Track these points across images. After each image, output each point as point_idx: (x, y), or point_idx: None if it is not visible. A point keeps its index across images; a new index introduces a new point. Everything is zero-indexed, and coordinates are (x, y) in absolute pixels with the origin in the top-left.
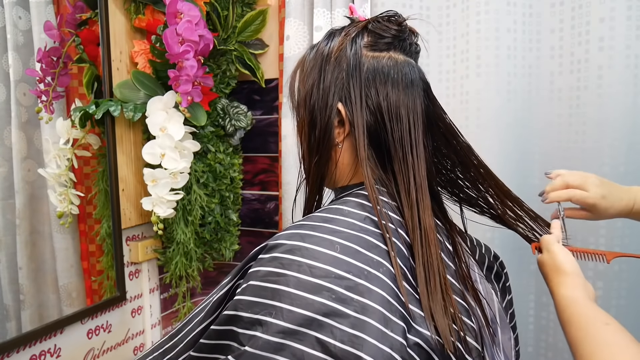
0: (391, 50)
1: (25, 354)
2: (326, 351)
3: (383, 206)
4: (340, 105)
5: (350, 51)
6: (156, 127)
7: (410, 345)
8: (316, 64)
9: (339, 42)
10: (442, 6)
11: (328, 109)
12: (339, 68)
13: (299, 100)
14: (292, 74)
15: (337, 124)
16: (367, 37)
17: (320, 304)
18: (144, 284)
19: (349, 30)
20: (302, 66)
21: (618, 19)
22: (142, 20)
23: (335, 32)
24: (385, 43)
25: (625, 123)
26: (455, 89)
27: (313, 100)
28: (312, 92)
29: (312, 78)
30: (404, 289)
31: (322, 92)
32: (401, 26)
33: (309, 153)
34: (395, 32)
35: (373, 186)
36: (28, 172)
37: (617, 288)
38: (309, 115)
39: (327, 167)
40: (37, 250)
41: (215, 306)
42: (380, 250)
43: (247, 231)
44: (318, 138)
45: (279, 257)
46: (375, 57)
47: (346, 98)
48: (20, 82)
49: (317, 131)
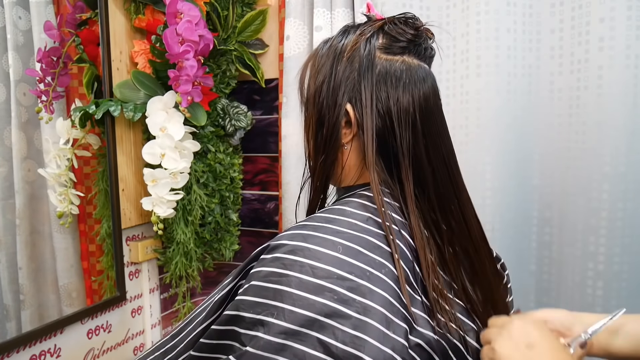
0: (405, 54)
1: (25, 354)
2: (327, 352)
3: (387, 208)
4: (349, 106)
5: (364, 51)
6: (156, 127)
7: (411, 346)
8: (328, 60)
9: (353, 41)
10: (442, 6)
11: (337, 108)
12: (351, 67)
13: (308, 96)
14: (304, 67)
15: (345, 124)
16: (382, 39)
17: (322, 304)
18: (144, 284)
19: (365, 29)
20: (315, 60)
21: (618, 19)
22: (142, 20)
23: (350, 29)
24: (400, 47)
25: (625, 123)
26: (455, 89)
27: (322, 98)
28: (322, 89)
29: (323, 74)
30: (406, 290)
31: (332, 90)
32: (418, 30)
33: (315, 151)
34: (412, 36)
35: (379, 190)
36: (28, 172)
37: (617, 288)
38: (318, 112)
39: (333, 167)
40: (37, 250)
41: (216, 306)
42: (382, 251)
43: (247, 231)
44: (325, 137)
45: (281, 258)
46: (388, 60)
47: (356, 99)
48: (20, 82)
49: (325, 130)
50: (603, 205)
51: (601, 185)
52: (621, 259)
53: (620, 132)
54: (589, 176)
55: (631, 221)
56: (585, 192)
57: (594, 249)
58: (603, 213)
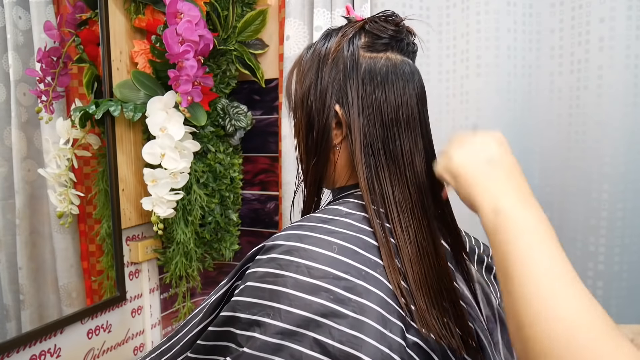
0: (389, 50)
1: (25, 354)
2: (324, 352)
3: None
4: (338, 106)
5: (348, 52)
6: (156, 127)
7: (409, 345)
8: (313, 65)
9: (336, 43)
10: (442, 6)
11: (326, 110)
12: (337, 69)
13: (296, 101)
14: (289, 74)
15: (335, 125)
16: (365, 38)
17: (319, 304)
18: (144, 284)
19: (346, 30)
20: (299, 66)
21: (618, 19)
22: (142, 20)
23: (332, 32)
24: (383, 44)
25: (625, 123)
26: (455, 89)
27: (310, 101)
28: (310, 92)
29: (310, 78)
30: (403, 289)
31: (320, 93)
32: (399, 26)
33: (306, 155)
34: (393, 32)
35: (367, 189)
36: (28, 172)
37: (617, 288)
38: (307, 116)
39: (326, 168)
40: (37, 250)
41: (212, 308)
42: (377, 250)
43: (247, 231)
44: (316, 140)
45: (277, 258)
46: (372, 57)
47: (343, 99)
48: (20, 82)
49: (315, 133)
50: (603, 205)
51: (601, 185)
52: (621, 259)
53: (620, 132)
54: (589, 176)
55: (631, 221)
56: (585, 192)
57: (594, 249)
58: (603, 213)
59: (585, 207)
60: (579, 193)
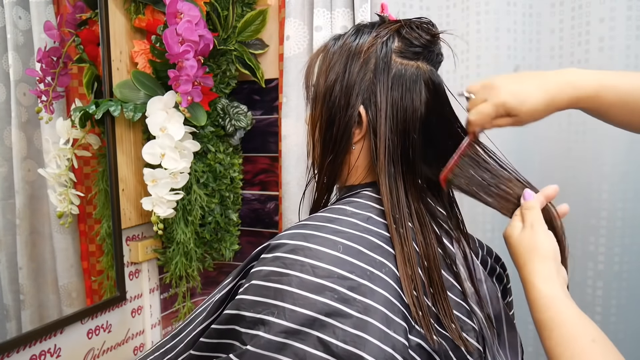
0: (420, 60)
1: (25, 354)
2: (328, 351)
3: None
4: (362, 108)
5: (381, 53)
6: (156, 127)
7: (412, 346)
8: (341, 59)
9: (369, 42)
10: (442, 6)
11: (349, 109)
12: (366, 68)
13: (318, 93)
14: (311, 60)
15: (355, 124)
16: (398, 42)
17: (323, 304)
18: (144, 284)
19: (380, 31)
20: (325, 56)
21: (618, 19)
22: (142, 20)
23: (363, 29)
24: (414, 52)
25: None
26: (456, 89)
27: (334, 97)
28: (334, 88)
29: (336, 72)
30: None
31: (346, 89)
32: (434, 37)
33: (322, 151)
34: (427, 42)
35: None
36: (28, 172)
37: (617, 288)
38: (328, 111)
39: (341, 167)
40: (37, 250)
41: (216, 306)
42: (383, 250)
43: (247, 231)
44: (335, 137)
45: (282, 257)
46: (404, 64)
47: (370, 101)
48: (20, 82)
49: (335, 130)
50: (603, 205)
51: (601, 185)
52: (621, 259)
53: (620, 132)
54: (589, 176)
55: (631, 221)
56: (585, 192)
57: (594, 249)
58: (603, 213)
59: (585, 207)
60: (579, 193)
